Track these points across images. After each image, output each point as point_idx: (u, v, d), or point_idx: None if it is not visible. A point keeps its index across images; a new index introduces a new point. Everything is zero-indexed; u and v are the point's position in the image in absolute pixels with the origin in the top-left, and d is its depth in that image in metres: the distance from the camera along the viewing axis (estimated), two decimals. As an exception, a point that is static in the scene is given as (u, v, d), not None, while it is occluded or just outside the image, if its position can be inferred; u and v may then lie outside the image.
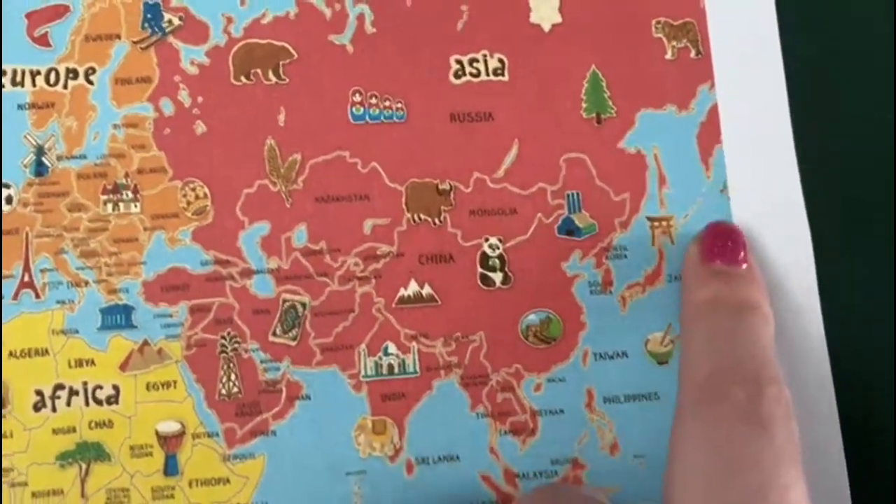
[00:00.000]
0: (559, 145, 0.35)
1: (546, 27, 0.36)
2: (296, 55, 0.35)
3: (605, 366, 0.35)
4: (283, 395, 0.34)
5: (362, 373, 0.34)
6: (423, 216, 0.35)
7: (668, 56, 0.36)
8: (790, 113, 0.36)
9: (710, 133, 0.36)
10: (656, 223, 0.35)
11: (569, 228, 0.35)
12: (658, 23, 0.36)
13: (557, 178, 0.35)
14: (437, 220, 0.35)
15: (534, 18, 0.36)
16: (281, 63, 0.35)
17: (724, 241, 0.34)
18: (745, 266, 0.33)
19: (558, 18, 0.36)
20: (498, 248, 0.35)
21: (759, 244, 0.35)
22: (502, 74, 0.36)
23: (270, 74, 0.35)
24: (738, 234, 0.34)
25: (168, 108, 0.35)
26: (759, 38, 0.36)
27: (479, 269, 0.35)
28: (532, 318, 0.35)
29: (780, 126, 0.36)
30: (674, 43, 0.36)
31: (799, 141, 0.36)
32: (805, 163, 0.36)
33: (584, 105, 0.36)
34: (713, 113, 0.36)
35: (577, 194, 0.35)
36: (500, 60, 0.36)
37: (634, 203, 0.35)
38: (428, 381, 0.34)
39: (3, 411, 0.33)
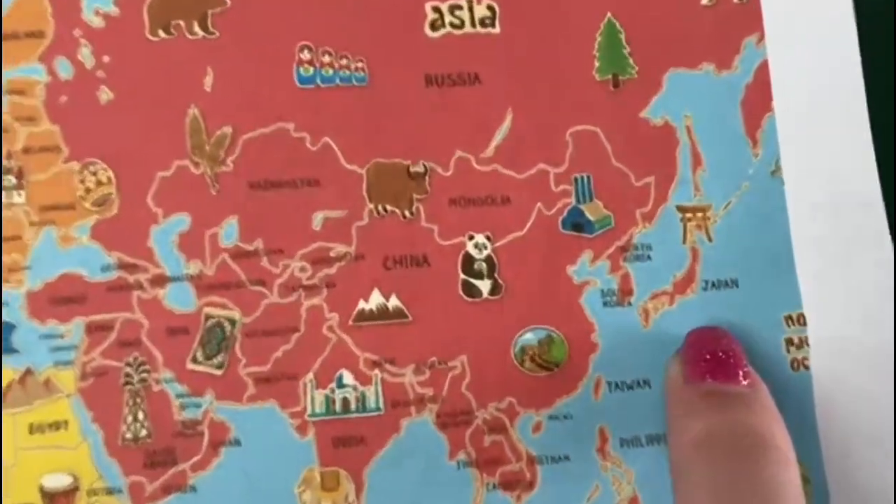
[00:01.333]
0: (564, 115, 0.32)
1: (549, -37, 0.33)
2: (228, 3, 0.32)
3: (623, 399, 0.32)
4: (206, 439, 0.31)
5: (309, 410, 0.31)
6: (389, 207, 0.32)
7: (705, 1, 0.33)
8: (863, 72, 0.33)
9: (758, 98, 0.32)
10: (689, 215, 0.32)
11: (576, 222, 0.32)
12: (693, -42, 0.34)
13: (562, 158, 0.32)
14: (407, 213, 0.32)
15: (533, -47, 0.33)
16: (209, 12, 0.32)
17: (713, 352, 0.29)
18: (745, 383, 0.28)
19: (564, -47, 0.33)
20: (486, 249, 0.32)
21: (822, 243, 0.32)
22: (492, 25, 0.32)
23: (196, 27, 0.32)
24: (730, 340, 0.29)
25: (65, 69, 0.31)
26: (822, -24, 0.34)
27: (462, 276, 0.32)
28: (529, 337, 0.32)
29: (849, 89, 0.33)
30: (713, -16, 0.34)
31: (874, 108, 0.33)
32: (882, 136, 0.32)
33: (596, 64, 0.32)
34: (762, 73, 0.33)
35: (588, 178, 0.32)
36: (490, 7, 0.32)
37: (661, 189, 0.32)
38: (394, 421, 0.31)
39: None
